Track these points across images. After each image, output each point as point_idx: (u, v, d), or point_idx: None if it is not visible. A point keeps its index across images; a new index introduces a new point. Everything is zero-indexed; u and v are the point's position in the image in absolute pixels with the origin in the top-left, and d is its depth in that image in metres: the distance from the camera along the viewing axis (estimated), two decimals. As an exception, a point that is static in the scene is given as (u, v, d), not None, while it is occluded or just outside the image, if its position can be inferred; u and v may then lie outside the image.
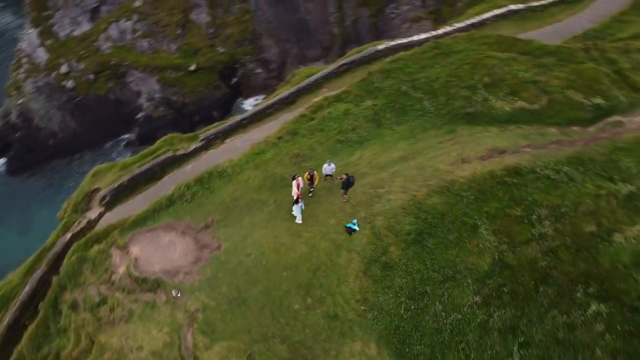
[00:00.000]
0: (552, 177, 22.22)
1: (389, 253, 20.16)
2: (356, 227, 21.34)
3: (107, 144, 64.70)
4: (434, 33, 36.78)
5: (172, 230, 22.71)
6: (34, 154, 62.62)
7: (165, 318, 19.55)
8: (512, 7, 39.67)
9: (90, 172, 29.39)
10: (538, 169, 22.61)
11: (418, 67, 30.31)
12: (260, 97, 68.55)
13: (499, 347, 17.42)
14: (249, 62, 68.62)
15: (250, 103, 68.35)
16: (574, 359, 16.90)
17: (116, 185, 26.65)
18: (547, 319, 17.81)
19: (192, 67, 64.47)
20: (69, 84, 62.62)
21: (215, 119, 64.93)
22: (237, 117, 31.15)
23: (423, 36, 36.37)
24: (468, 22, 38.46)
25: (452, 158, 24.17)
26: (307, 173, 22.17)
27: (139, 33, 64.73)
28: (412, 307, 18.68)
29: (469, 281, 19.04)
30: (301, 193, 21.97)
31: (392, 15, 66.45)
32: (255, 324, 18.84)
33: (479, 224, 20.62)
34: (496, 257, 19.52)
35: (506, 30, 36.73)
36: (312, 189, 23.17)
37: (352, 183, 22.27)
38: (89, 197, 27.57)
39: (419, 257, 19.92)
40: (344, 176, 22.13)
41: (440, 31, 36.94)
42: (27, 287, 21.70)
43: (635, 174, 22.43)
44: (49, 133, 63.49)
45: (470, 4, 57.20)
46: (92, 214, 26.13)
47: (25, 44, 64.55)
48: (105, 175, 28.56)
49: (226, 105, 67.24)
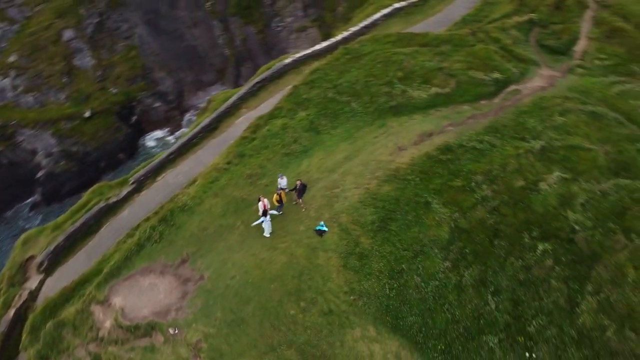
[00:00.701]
0: (478, 147, 25.61)
1: (361, 244, 22.11)
2: (325, 228, 23.06)
3: (8, 212, 59.97)
4: (333, 40, 39.50)
5: (149, 273, 22.88)
6: None
7: (168, 357, 19.88)
8: (397, 5, 43.73)
9: (19, 240, 28.44)
10: (465, 143, 25.93)
11: (337, 74, 32.70)
12: (166, 130, 68.55)
13: (476, 300, 20.12)
14: (145, 98, 67.86)
15: (157, 136, 67.78)
16: (536, 293, 20.08)
17: (52, 247, 26.03)
18: (507, 266, 20.87)
19: (87, 114, 62.30)
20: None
21: (123, 161, 63.96)
22: (164, 153, 31.41)
23: (325, 44, 39.10)
24: (361, 25, 41.71)
25: (390, 149, 26.77)
26: (275, 195, 23.34)
27: (20, 89, 61.51)
28: (394, 285, 20.77)
29: (436, 251, 21.59)
30: (268, 207, 23.14)
31: (278, 29, 68.81)
32: (259, 338, 19.86)
33: (430, 200, 23.30)
34: (452, 225, 22.29)
35: (396, 27, 40.57)
36: (280, 212, 24.09)
37: (306, 188, 24.03)
38: (23, 267, 26.57)
39: (388, 241, 22.09)
40: (298, 182, 23.84)
41: (339, 37, 39.78)
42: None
43: (541, 130, 26.56)
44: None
45: (350, 8, 61.11)
46: (32, 284, 25.33)
47: None
48: (37, 240, 27.82)
49: (131, 145, 65.86)
